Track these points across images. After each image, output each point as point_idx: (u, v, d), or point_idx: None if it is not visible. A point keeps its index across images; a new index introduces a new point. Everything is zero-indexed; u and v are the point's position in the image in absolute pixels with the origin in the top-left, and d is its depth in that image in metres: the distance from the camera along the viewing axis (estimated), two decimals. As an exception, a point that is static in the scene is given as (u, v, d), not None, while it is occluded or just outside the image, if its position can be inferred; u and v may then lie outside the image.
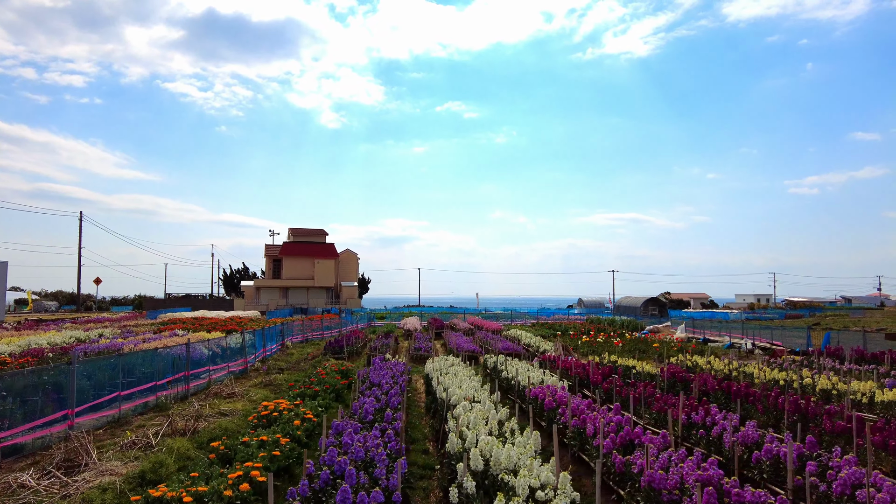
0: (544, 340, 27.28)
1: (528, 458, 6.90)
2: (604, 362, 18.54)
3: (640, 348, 26.11)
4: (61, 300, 73.37)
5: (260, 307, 66.25)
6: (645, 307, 60.92)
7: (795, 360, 19.71)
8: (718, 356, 26.20)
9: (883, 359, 18.09)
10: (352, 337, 27.85)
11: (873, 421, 11.70)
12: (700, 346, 30.96)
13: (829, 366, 18.01)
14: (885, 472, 8.05)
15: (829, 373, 16.47)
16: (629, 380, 14.79)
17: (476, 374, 16.92)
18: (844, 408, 10.37)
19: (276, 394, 15.38)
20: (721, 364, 17.27)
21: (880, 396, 11.54)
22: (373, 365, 17.52)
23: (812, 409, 9.84)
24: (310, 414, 10.97)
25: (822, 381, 13.17)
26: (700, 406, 10.31)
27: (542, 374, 14.30)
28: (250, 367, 20.31)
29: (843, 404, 10.87)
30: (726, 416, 9.72)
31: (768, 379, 14.84)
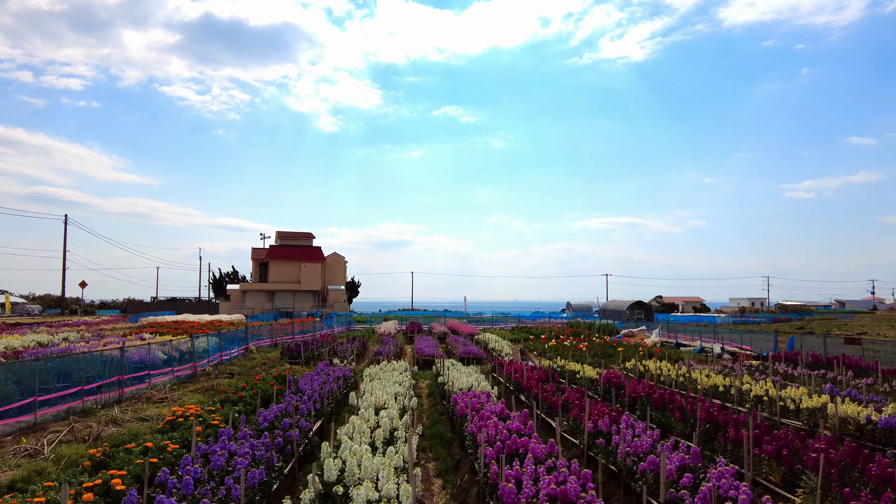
0: (510, 344, 26.99)
1: (387, 470, 6.64)
2: (554, 367, 18.27)
3: (605, 353, 25.82)
4: (48, 304, 73.17)
5: (245, 311, 65.95)
6: (631, 311, 60.58)
7: (753, 365, 19.42)
8: (685, 361, 25.93)
9: (836, 363, 17.80)
10: (315, 341, 27.58)
11: (798, 427, 11.44)
12: (672, 350, 30.69)
13: (782, 371, 17.73)
14: (773, 481, 7.77)
15: (778, 378, 16.20)
16: (563, 384, 14.51)
17: (413, 379, 16.69)
18: (756, 414, 10.10)
19: (210, 398, 15.11)
20: (669, 369, 16.99)
21: (806, 403, 11.26)
22: (315, 370, 17.27)
23: (721, 416, 9.58)
24: (217, 420, 10.71)
25: (755, 387, 12.89)
26: (617, 414, 10.06)
27: (475, 379, 14.05)
28: (200, 372, 20.04)
29: (755, 412, 10.60)
30: (632, 426, 9.47)
31: (709, 385, 14.56)
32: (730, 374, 17.85)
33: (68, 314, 61.97)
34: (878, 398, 12.76)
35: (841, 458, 7.37)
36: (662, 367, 17.24)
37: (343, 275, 74.33)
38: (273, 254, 69.89)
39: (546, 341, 30.79)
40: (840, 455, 7.37)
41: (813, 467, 7.07)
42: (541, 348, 29.49)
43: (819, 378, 16.48)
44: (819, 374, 16.80)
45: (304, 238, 73.66)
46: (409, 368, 17.60)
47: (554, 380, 14.79)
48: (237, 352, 26.15)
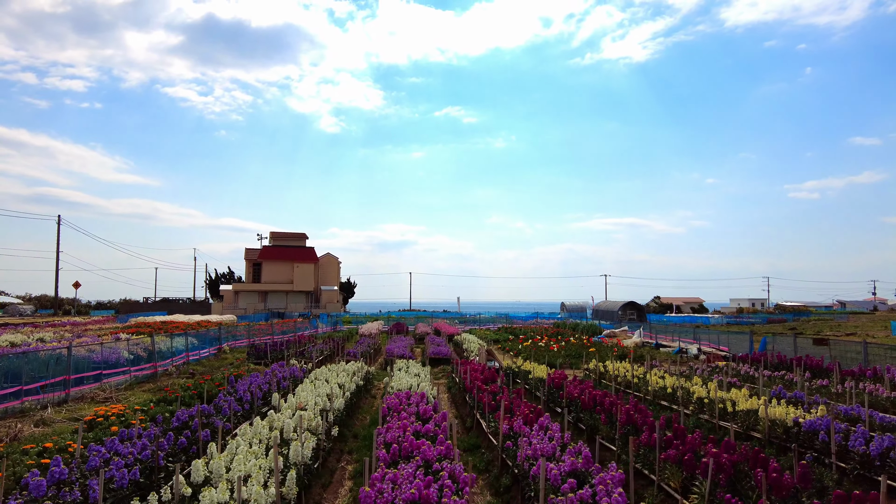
0: (484, 345, 26.77)
1: (258, 474, 6.45)
2: (513, 367, 18.05)
3: (578, 353, 25.56)
4: (44, 304, 73.46)
5: (238, 311, 65.99)
6: (623, 311, 60.15)
7: (719, 366, 19.13)
8: (658, 362, 25.61)
9: (799, 364, 17.48)
10: (289, 342, 27.45)
11: (736, 431, 11.17)
12: (651, 350, 30.37)
13: (744, 372, 17.44)
14: (673, 486, 7.53)
15: (736, 379, 15.91)
16: (508, 385, 14.28)
17: (364, 380, 16.48)
18: (678, 417, 9.85)
19: (157, 398, 14.99)
20: (627, 370, 16.73)
21: (742, 405, 11.00)
22: (270, 369, 17.13)
23: (639, 419, 9.34)
24: (138, 420, 10.57)
25: (700, 389, 12.62)
26: (534, 416, 9.84)
27: (419, 380, 13.88)
28: (161, 372, 19.94)
29: (677, 414, 10.35)
30: (546, 428, 9.25)
31: (659, 387, 14.30)
32: (691, 375, 17.59)
33: (62, 315, 62.19)
34: (823, 400, 12.47)
35: (736, 463, 7.13)
36: (620, 369, 16.99)
37: (336, 275, 74.24)
38: (266, 254, 69.92)
39: (524, 342, 30.54)
40: (735, 459, 7.13)
41: (704, 472, 6.83)
42: (516, 349, 29.26)
43: (778, 379, 16.19)
44: (778, 376, 16.52)
45: (298, 238, 73.64)
46: (364, 369, 17.42)
47: (506, 381, 14.55)
48: (208, 352, 26.06)
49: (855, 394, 13.34)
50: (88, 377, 16.53)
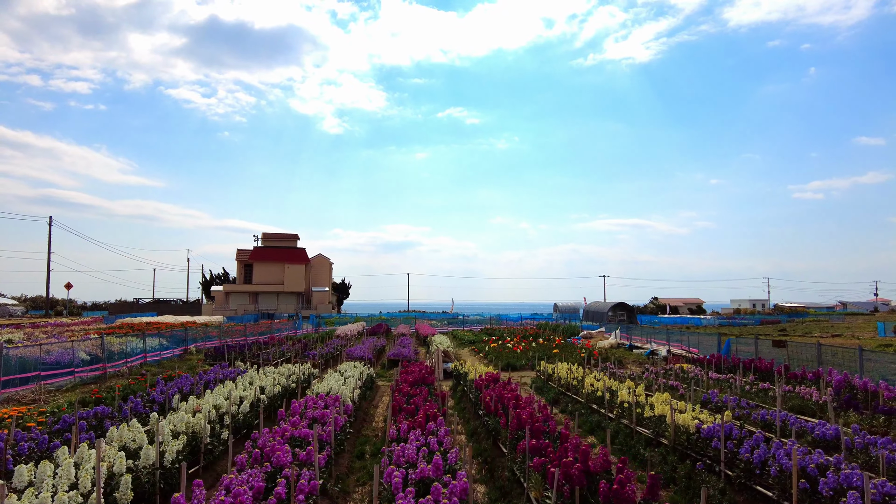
0: (443, 346, 26.51)
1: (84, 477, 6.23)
2: (459, 369, 17.77)
3: (543, 354, 25.24)
4: (39, 305, 73.89)
5: (228, 312, 66.08)
6: (613, 312, 59.67)
7: (676, 368, 18.77)
8: (627, 363, 25.25)
9: (749, 367, 17.10)
10: (256, 343, 27.28)
11: (646, 434, 10.84)
12: (624, 351, 30.02)
13: (693, 375, 17.08)
14: (535, 496, 7.24)
15: (678, 383, 15.58)
16: (455, 388, 14.01)
17: (293, 382, 16.21)
18: (569, 423, 9.54)
19: (79, 399, 14.83)
20: (569, 370, 16.41)
21: (658, 410, 10.67)
22: (211, 370, 16.96)
23: (529, 425, 9.04)
24: (36, 422, 10.41)
25: (622, 393, 12.30)
26: (424, 419, 9.59)
27: (342, 383, 13.66)
28: (112, 373, 19.82)
29: (603, 418, 10.03)
30: (434, 432, 8.99)
31: (591, 390, 14.00)
32: (650, 377, 17.26)
33: (54, 315, 62.52)
34: (751, 404, 12.11)
35: (593, 473, 6.83)
36: (560, 370, 16.68)
37: (328, 276, 74.19)
38: (257, 255, 69.97)
39: (494, 343, 30.27)
40: (593, 469, 6.83)
41: (550, 483, 6.54)
42: (485, 350, 28.98)
43: (724, 382, 15.83)
44: (725, 379, 16.16)
45: (289, 240, 73.67)
46: (308, 371, 17.21)
47: (454, 383, 14.28)
48: (172, 353, 25.96)
49: (786, 397, 12.98)
50: (29, 378, 16.45)
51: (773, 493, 7.25)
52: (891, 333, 38.98)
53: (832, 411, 11.46)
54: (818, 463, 7.28)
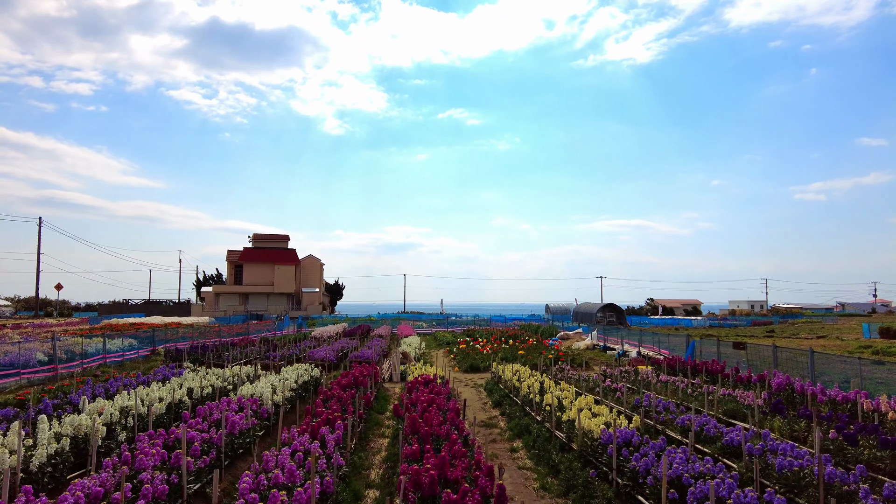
0: (421, 348, 26.25)
1: None
2: (408, 372, 17.51)
3: (510, 355, 24.92)
4: (32, 306, 74.05)
5: (218, 313, 66.02)
6: (603, 313, 59.22)
7: (628, 371, 18.44)
8: (592, 364, 24.89)
9: (701, 369, 16.74)
10: (216, 344, 27.08)
11: (561, 438, 10.54)
12: (597, 353, 29.68)
13: (643, 377, 16.74)
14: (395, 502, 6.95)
15: (619, 384, 15.25)
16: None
17: (229, 383, 15.97)
18: (464, 426, 9.25)
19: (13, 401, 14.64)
20: (516, 371, 16.11)
21: (572, 415, 10.36)
22: (152, 373, 16.75)
23: (425, 430, 8.77)
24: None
25: (548, 397, 11.99)
26: (321, 423, 9.32)
27: (276, 383, 13.41)
28: (64, 374, 19.63)
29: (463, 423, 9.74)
30: (321, 437, 8.72)
31: (525, 394, 13.70)
32: (581, 381, 16.94)
33: (44, 316, 62.62)
34: (680, 408, 11.78)
35: (451, 481, 6.54)
36: (507, 372, 16.37)
37: (319, 277, 74.03)
38: (247, 256, 69.88)
39: (464, 344, 29.99)
40: (451, 476, 6.54)
41: (398, 489, 6.26)
42: (455, 351, 28.71)
43: (670, 385, 15.48)
44: (673, 381, 15.81)
45: (280, 240, 73.58)
46: (255, 371, 16.98)
47: (360, 385, 14.01)
48: (137, 353, 25.79)
49: (723, 401, 12.63)
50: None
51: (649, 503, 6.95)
52: (876, 335, 38.41)
53: (758, 415, 11.13)
54: (697, 472, 6.96)
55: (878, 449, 8.32)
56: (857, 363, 14.06)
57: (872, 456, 8.33)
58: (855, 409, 11.09)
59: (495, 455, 11.14)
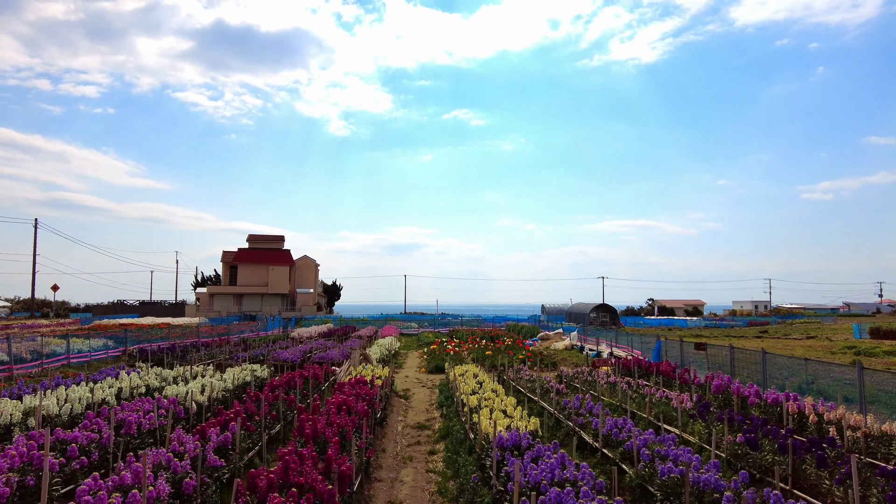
0: (389, 349, 26.06)
1: None
2: (359, 373, 17.30)
3: (480, 357, 24.66)
4: (32, 307, 74.73)
5: (212, 314, 66.23)
6: (596, 313, 58.69)
7: (582, 372, 18.11)
8: (560, 365, 24.55)
9: (652, 370, 16.39)
10: (187, 345, 27.02)
11: (479, 441, 10.22)
12: (571, 353, 29.33)
13: (586, 378, 16.41)
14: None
15: (562, 386, 14.93)
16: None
17: (161, 381, 15.81)
18: (365, 427, 9.00)
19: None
20: (465, 372, 15.85)
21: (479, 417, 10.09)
22: (96, 373, 16.65)
23: (307, 432, 8.54)
24: None
25: (472, 399, 11.71)
26: (228, 420, 9.12)
27: (197, 384, 13.25)
28: (20, 374, 19.62)
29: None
30: (207, 439, 8.52)
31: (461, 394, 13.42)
32: (531, 383, 16.62)
33: (41, 317, 63.15)
34: (618, 410, 11.45)
35: (303, 486, 6.31)
36: (456, 373, 16.11)
37: (314, 278, 74.06)
38: (241, 257, 70.07)
39: (435, 345, 29.77)
40: (299, 481, 6.31)
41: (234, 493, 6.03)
42: (427, 352, 28.47)
43: (615, 386, 15.15)
44: (619, 382, 15.46)
45: (275, 241, 73.71)
46: (207, 371, 16.84)
47: (297, 385, 13.82)
48: (108, 354, 25.79)
49: (658, 403, 12.30)
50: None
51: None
52: (866, 335, 37.67)
53: (682, 419, 10.81)
54: (562, 478, 6.68)
55: (776, 454, 7.97)
56: (804, 364, 13.65)
57: (771, 461, 7.98)
58: (783, 413, 10.72)
59: (410, 458, 10.90)
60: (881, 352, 28.20)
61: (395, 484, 9.41)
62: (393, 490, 9.10)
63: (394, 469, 10.23)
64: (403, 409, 15.66)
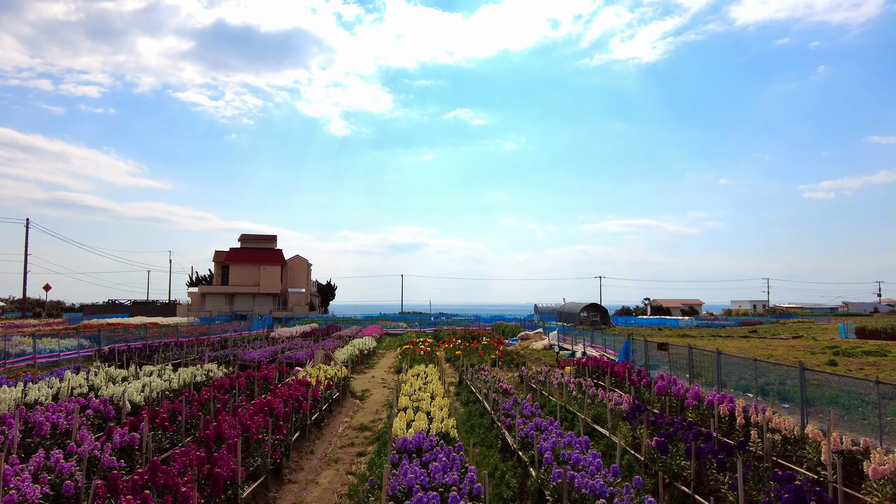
0: (358, 351, 25.91)
1: None
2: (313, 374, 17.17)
3: (450, 357, 24.49)
4: (28, 307, 74.96)
5: (203, 314, 66.25)
6: (587, 313, 58.41)
7: (542, 371, 17.91)
8: (530, 364, 24.34)
9: (607, 371, 16.16)
10: (156, 345, 26.95)
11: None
12: (553, 353, 29.11)
13: (541, 378, 16.20)
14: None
15: (511, 387, 14.72)
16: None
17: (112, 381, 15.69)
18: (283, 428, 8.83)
19: None
20: (410, 376, 15.68)
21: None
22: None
23: (206, 434, 8.38)
24: None
25: (403, 400, 11.53)
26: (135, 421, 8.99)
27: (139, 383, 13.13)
28: (-19, 375, 19.59)
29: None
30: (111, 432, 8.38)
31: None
32: (485, 384, 16.43)
33: (31, 317, 63.33)
34: (563, 411, 11.26)
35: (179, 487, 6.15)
36: (386, 376, 15.92)
37: (306, 277, 74.00)
38: (233, 256, 70.07)
39: (406, 346, 29.62)
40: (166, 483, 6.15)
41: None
42: (399, 352, 28.31)
43: (564, 387, 14.94)
44: (570, 383, 15.26)
45: (267, 241, 73.70)
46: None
47: (240, 385, 13.68)
48: (79, 354, 25.73)
49: (591, 405, 12.09)
50: None
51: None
52: (852, 335, 37.31)
53: (611, 421, 10.62)
54: (427, 484, 6.50)
55: (683, 458, 7.77)
56: (753, 365, 13.41)
57: (677, 466, 7.78)
58: (713, 414, 10.50)
59: (337, 459, 10.74)
60: (860, 352, 27.85)
61: (308, 486, 9.25)
62: (304, 492, 8.94)
63: (315, 471, 10.08)
64: (354, 410, 15.50)
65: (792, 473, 6.81)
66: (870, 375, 20.51)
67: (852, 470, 7.54)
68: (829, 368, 22.18)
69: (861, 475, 7.21)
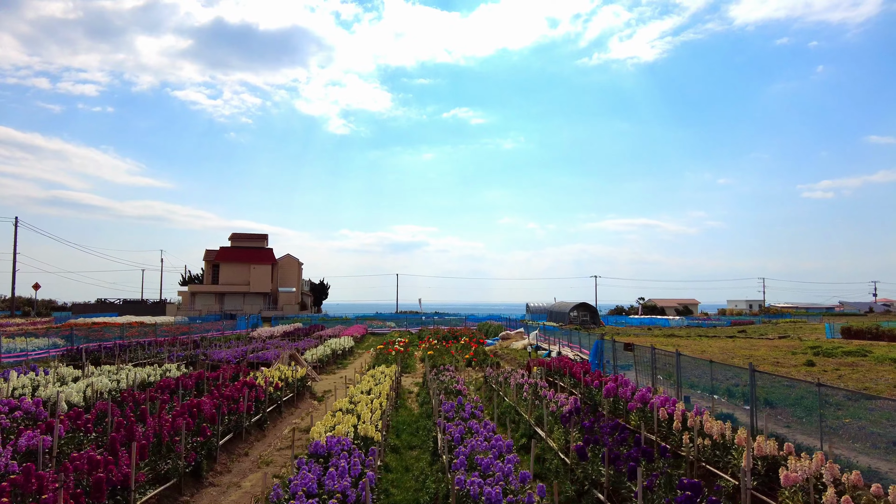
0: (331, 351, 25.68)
1: None
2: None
3: (424, 356, 24.24)
4: (18, 305, 74.84)
5: (193, 313, 66.07)
6: (576, 312, 58.15)
7: (505, 371, 17.65)
8: (504, 365, 24.10)
9: (565, 372, 15.90)
10: (128, 345, 26.74)
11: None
12: (532, 353, 28.85)
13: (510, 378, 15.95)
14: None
15: (464, 388, 14.46)
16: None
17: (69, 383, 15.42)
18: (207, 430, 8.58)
19: None
20: (368, 377, 15.45)
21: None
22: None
23: (120, 435, 8.14)
24: None
25: (340, 401, 11.28)
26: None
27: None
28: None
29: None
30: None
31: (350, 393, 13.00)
32: (445, 385, 16.16)
33: (20, 316, 63.17)
34: (474, 411, 10.99)
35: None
36: (355, 377, 15.68)
37: (297, 277, 73.78)
38: (223, 255, 69.86)
39: (381, 346, 29.39)
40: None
41: None
42: (374, 352, 28.09)
43: (517, 388, 14.68)
44: (526, 384, 14.99)
45: (258, 240, 73.48)
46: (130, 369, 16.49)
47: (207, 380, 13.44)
48: (48, 353, 25.51)
49: (536, 408, 11.84)
50: None
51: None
52: (838, 335, 37.01)
53: (547, 424, 10.36)
54: (314, 491, 6.26)
55: (600, 464, 7.51)
56: (708, 366, 13.14)
57: (596, 472, 7.53)
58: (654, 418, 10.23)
59: (269, 462, 10.50)
60: (840, 352, 27.52)
61: (229, 489, 9.01)
62: (222, 496, 8.70)
63: (243, 474, 9.84)
64: (308, 412, 15.24)
65: (698, 483, 6.55)
66: (844, 376, 20.25)
67: (774, 476, 7.28)
68: (805, 369, 21.90)
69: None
